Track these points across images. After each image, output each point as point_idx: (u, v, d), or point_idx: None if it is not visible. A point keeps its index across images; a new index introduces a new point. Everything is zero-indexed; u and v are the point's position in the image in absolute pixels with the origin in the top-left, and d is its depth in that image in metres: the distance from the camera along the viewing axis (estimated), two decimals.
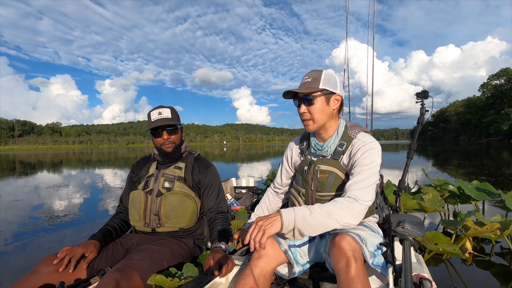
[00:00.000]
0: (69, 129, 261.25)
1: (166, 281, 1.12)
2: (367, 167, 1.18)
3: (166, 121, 1.54)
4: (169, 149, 1.58)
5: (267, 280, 1.18)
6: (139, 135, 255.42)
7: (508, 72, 74.75)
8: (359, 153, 1.21)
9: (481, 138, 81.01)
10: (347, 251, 1.02)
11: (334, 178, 1.27)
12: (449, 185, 3.51)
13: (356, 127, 1.32)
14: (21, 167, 16.96)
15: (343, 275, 0.99)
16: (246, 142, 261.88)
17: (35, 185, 8.28)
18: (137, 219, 1.55)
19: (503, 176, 7.52)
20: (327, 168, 1.28)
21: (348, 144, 1.26)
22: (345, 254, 1.02)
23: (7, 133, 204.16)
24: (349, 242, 1.05)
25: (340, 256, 1.02)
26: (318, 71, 1.24)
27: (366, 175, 1.16)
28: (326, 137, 1.31)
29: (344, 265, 0.99)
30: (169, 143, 1.57)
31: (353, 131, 1.29)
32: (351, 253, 1.01)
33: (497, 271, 2.26)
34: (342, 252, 1.02)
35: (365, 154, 1.19)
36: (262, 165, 13.82)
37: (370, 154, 1.19)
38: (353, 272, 0.97)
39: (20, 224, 4.10)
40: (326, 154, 1.32)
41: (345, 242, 1.04)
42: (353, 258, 1.00)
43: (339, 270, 1.01)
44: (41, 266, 1.22)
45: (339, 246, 1.05)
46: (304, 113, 1.25)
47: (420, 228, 1.41)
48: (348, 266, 0.99)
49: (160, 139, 1.56)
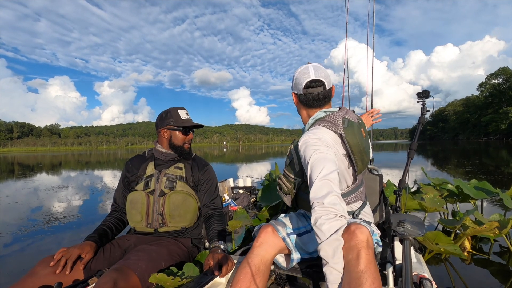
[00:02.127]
0: (68, 130, 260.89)
1: (168, 280, 1.13)
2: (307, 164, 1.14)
3: (193, 123, 1.67)
4: (188, 148, 1.70)
5: (267, 269, 1.19)
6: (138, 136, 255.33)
7: (506, 71, 75.04)
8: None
9: (479, 137, 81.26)
10: (361, 242, 0.95)
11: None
12: (448, 184, 3.52)
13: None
14: (20, 169, 16.91)
15: (352, 268, 0.92)
16: (245, 143, 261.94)
17: (34, 187, 8.25)
18: (139, 220, 1.55)
19: (502, 175, 7.54)
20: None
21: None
22: (357, 245, 0.95)
23: (6, 135, 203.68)
24: (366, 233, 0.98)
25: (352, 247, 0.95)
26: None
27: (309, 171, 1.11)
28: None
29: (355, 257, 0.93)
30: (189, 142, 1.71)
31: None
32: (365, 244, 0.95)
33: (496, 269, 2.26)
34: (355, 243, 0.95)
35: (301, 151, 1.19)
36: (261, 165, 13.83)
37: (304, 149, 1.16)
38: (362, 265, 0.91)
39: (19, 226, 4.08)
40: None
41: (361, 233, 0.97)
42: (365, 249, 0.94)
43: (349, 262, 0.94)
44: (38, 268, 1.21)
45: (354, 236, 0.97)
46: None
47: (420, 228, 1.41)
48: (358, 258, 0.92)
49: (186, 137, 1.67)
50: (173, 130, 1.63)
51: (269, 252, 1.20)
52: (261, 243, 1.21)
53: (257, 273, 1.13)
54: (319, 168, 1.07)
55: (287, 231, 1.29)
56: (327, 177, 1.04)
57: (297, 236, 1.31)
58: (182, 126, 1.62)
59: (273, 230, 1.25)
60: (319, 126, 1.23)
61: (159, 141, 1.68)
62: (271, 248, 1.21)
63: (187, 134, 1.66)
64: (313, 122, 1.30)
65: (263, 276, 1.14)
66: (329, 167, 1.07)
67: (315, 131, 1.21)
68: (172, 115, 1.63)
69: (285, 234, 1.27)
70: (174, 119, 1.62)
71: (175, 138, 1.64)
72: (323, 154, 1.11)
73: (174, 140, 1.64)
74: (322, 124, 1.24)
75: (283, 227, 1.30)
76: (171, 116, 1.63)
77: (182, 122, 1.62)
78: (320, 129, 1.21)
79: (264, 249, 1.19)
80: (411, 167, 2.09)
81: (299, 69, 1.31)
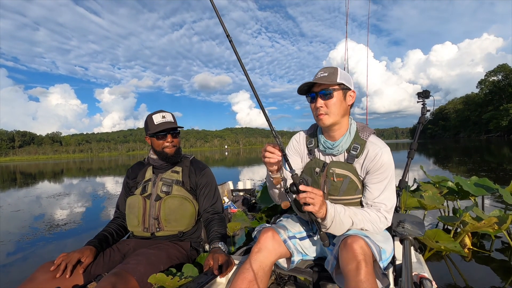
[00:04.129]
0: (69, 138, 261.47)
1: (167, 280, 1.13)
2: (388, 175, 1.21)
3: (170, 124, 1.59)
4: (171, 152, 1.62)
5: (266, 275, 1.18)
6: (139, 142, 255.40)
7: (505, 68, 75.05)
8: (377, 160, 1.20)
9: (480, 134, 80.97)
10: (359, 254, 1.01)
11: (348, 183, 1.25)
12: (448, 181, 3.51)
13: (365, 128, 1.31)
14: (22, 177, 16.95)
15: (352, 277, 0.98)
16: (246, 146, 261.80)
17: (36, 195, 8.28)
18: (136, 224, 1.56)
19: (503, 172, 7.51)
20: (343, 172, 1.25)
21: (362, 148, 1.24)
22: (356, 256, 1.01)
23: (7, 144, 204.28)
24: (361, 245, 1.04)
25: (351, 258, 1.01)
26: (333, 67, 1.24)
27: (388, 182, 1.21)
28: (337, 136, 1.28)
29: (355, 268, 0.99)
30: (172, 146, 1.62)
31: (364, 133, 1.28)
32: (362, 257, 1.01)
33: (497, 266, 2.25)
34: (353, 255, 1.02)
35: (384, 161, 1.20)
36: (262, 168, 13.80)
37: (387, 160, 1.21)
38: (363, 275, 0.96)
39: (21, 234, 4.09)
40: (336, 153, 1.29)
41: (357, 245, 1.03)
42: (364, 261, 1.00)
43: (349, 272, 1.00)
44: (38, 273, 1.22)
45: (351, 248, 1.04)
46: (320, 107, 1.21)
47: (420, 227, 1.42)
48: (358, 269, 0.98)
49: (163, 142, 1.60)
50: (152, 137, 1.61)
51: (268, 258, 1.20)
52: (260, 248, 1.21)
53: (256, 279, 1.13)
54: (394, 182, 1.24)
55: (288, 234, 1.29)
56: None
57: (299, 240, 1.32)
58: (154, 132, 1.57)
59: (273, 234, 1.25)
60: (378, 138, 1.30)
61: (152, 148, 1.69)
62: (271, 254, 1.21)
63: (163, 139, 1.60)
64: (357, 126, 1.32)
65: (261, 282, 1.15)
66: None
67: (385, 144, 1.26)
68: (147, 122, 1.61)
69: (286, 236, 1.28)
70: (149, 126, 1.59)
71: (154, 144, 1.62)
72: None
73: (155, 147, 1.62)
74: (372, 132, 1.31)
75: (285, 230, 1.30)
76: (147, 124, 1.61)
77: (155, 128, 1.57)
78: (383, 141, 1.29)
79: (263, 255, 1.20)
80: (411, 165, 2.09)
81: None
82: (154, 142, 1.62)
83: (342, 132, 1.28)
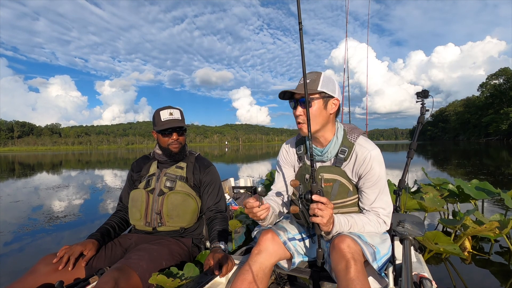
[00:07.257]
0: (68, 130, 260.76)
1: (167, 281, 1.13)
2: (381, 177, 1.21)
3: (177, 123, 1.57)
4: (176, 150, 1.61)
5: (266, 276, 1.19)
6: (138, 136, 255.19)
7: (507, 72, 74.92)
8: (367, 163, 1.19)
9: (480, 137, 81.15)
10: (347, 253, 1.02)
11: (338, 186, 1.24)
12: (449, 184, 3.51)
13: (354, 130, 1.29)
14: (21, 168, 16.93)
15: (342, 277, 0.99)
16: (245, 143, 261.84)
17: (34, 186, 8.27)
18: (138, 218, 1.56)
19: (502, 175, 7.53)
20: (331, 177, 1.25)
21: (350, 151, 1.23)
22: (344, 256, 1.02)
23: (6, 134, 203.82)
24: (348, 244, 1.05)
25: (340, 258, 1.03)
26: (317, 72, 1.21)
27: (382, 185, 1.21)
28: (324, 142, 1.27)
29: (344, 267, 1.00)
30: (177, 144, 1.60)
31: (352, 135, 1.26)
32: (350, 255, 1.02)
33: (496, 269, 2.26)
34: (341, 254, 1.03)
35: (374, 164, 1.19)
36: (261, 165, 13.82)
37: (377, 163, 1.20)
38: (352, 274, 0.97)
39: (20, 225, 4.09)
40: (326, 160, 1.28)
41: (344, 245, 1.05)
42: (353, 260, 1.00)
43: (339, 272, 1.01)
44: (40, 265, 1.22)
45: (338, 248, 1.05)
46: (300, 115, 1.20)
47: (420, 227, 1.41)
48: (347, 268, 0.99)
49: (169, 139, 1.58)
50: (158, 133, 1.60)
51: (268, 260, 1.21)
52: (260, 250, 1.21)
53: (255, 280, 1.13)
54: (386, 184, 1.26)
55: (288, 236, 1.29)
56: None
57: (298, 242, 1.31)
58: (161, 129, 1.55)
59: (273, 236, 1.25)
60: (368, 139, 1.29)
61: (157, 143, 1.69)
62: (271, 256, 1.22)
63: (169, 136, 1.58)
64: (345, 129, 1.31)
65: (261, 283, 1.15)
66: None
67: (375, 146, 1.24)
68: (155, 118, 1.60)
69: (286, 238, 1.27)
70: (156, 122, 1.58)
71: (160, 140, 1.61)
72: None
73: (160, 143, 1.62)
74: (362, 133, 1.30)
75: (284, 232, 1.30)
76: (154, 119, 1.60)
77: (162, 125, 1.55)
78: (372, 143, 1.27)
79: (263, 257, 1.20)
80: (411, 167, 2.09)
81: (332, 74, 1.30)
82: (160, 139, 1.61)
83: (328, 139, 1.26)
